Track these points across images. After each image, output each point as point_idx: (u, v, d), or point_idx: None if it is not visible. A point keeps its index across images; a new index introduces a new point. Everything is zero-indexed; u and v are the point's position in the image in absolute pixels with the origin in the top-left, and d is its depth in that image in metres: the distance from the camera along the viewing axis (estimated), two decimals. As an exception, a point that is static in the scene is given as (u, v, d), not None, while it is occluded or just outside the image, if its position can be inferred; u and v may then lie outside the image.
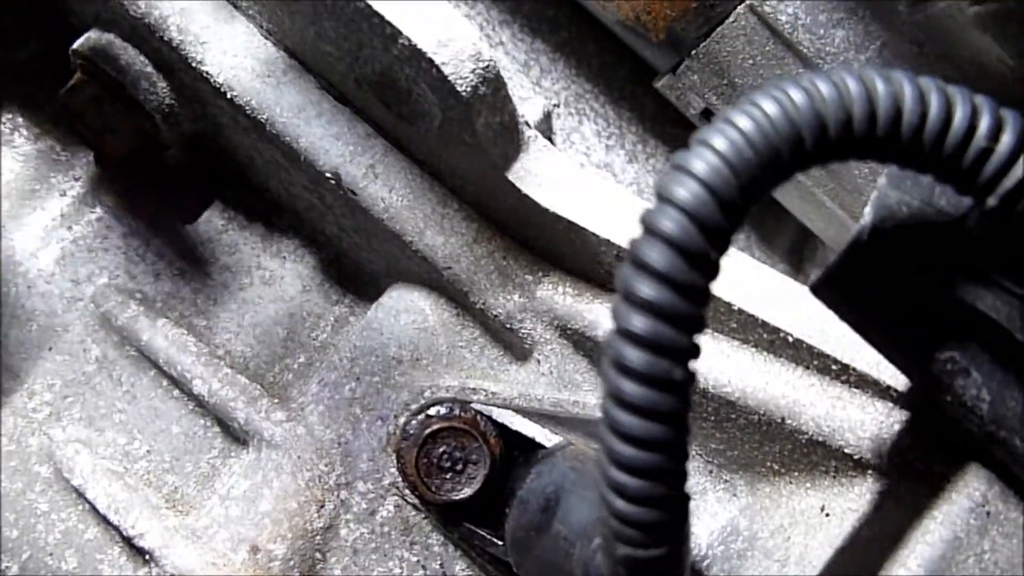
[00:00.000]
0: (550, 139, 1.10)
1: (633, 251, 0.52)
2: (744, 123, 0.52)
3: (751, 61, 0.85)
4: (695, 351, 0.52)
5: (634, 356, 0.51)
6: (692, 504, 0.58)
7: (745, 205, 0.52)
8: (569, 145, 1.11)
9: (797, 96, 0.53)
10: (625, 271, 0.52)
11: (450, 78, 0.74)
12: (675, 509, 0.54)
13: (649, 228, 0.52)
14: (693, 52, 0.87)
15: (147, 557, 0.85)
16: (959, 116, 0.54)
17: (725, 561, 0.80)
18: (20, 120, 0.96)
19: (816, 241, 1.07)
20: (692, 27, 0.86)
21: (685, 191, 0.51)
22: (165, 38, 0.85)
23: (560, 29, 1.15)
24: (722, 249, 0.52)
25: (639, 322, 0.50)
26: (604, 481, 0.53)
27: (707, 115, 0.92)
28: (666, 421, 0.51)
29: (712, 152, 0.52)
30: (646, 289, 0.50)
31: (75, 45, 0.89)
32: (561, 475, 0.76)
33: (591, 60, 1.15)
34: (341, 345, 0.91)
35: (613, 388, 0.51)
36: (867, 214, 0.61)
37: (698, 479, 0.84)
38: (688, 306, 0.51)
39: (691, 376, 0.52)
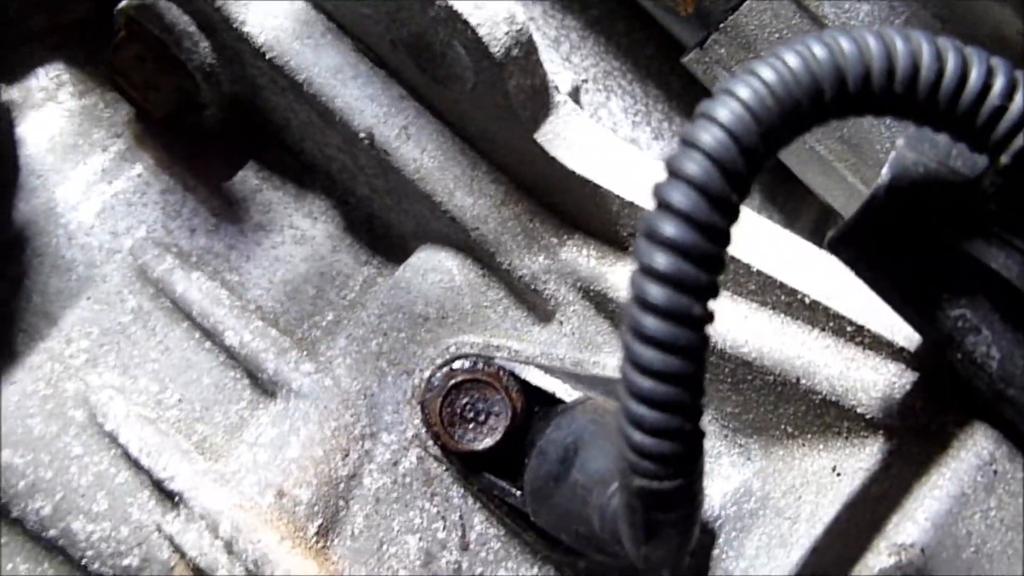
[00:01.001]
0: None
1: (657, 192, 0.54)
2: (767, 74, 0.54)
3: (777, 35, 0.87)
4: (714, 290, 0.54)
5: (655, 291, 0.53)
6: (706, 467, 0.60)
7: (766, 152, 0.54)
8: (596, 120, 1.14)
9: (819, 50, 0.55)
10: (648, 212, 0.54)
11: (484, 39, 0.76)
12: (690, 442, 0.56)
13: (673, 170, 0.54)
14: (721, 26, 0.89)
15: (176, 499, 0.88)
16: (975, 75, 0.56)
17: (737, 520, 0.82)
18: (65, 77, 0.99)
19: (838, 220, 1.09)
20: (720, 1, 0.88)
21: (708, 136, 0.54)
22: (208, -2, 0.88)
23: (590, 7, 1.17)
24: (743, 193, 0.54)
25: (661, 259, 0.53)
26: (623, 415, 0.56)
27: (732, 89, 0.94)
28: (685, 355, 0.54)
29: (735, 100, 0.54)
30: (669, 228, 0.53)
31: (121, 4, 0.92)
32: (580, 427, 0.79)
33: (620, 38, 1.17)
34: (369, 302, 0.94)
35: (634, 323, 0.54)
36: (884, 173, 0.64)
37: (713, 443, 0.86)
38: (709, 245, 0.53)
39: (710, 314, 0.54)
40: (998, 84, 0.56)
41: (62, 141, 0.97)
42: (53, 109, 0.98)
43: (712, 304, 0.54)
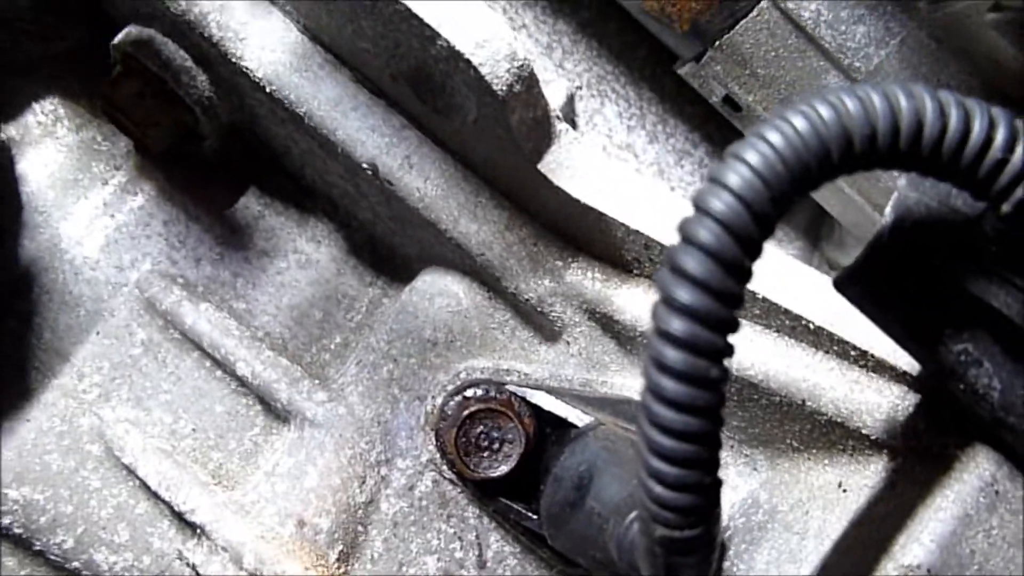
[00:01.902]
0: (573, 122, 1.13)
1: (672, 258, 0.55)
2: (775, 138, 0.55)
3: (773, 53, 0.88)
4: (729, 350, 0.56)
5: (673, 356, 0.55)
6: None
7: (777, 215, 0.56)
8: (592, 127, 1.14)
9: (825, 112, 0.56)
10: (664, 276, 0.55)
11: (487, 78, 0.77)
12: (709, 494, 0.58)
13: (687, 237, 0.55)
14: (717, 43, 0.90)
15: (198, 531, 0.90)
16: (976, 129, 0.57)
17: (747, 533, 0.84)
18: (61, 111, 0.99)
19: (832, 220, 1.11)
20: (716, 20, 0.89)
21: (720, 203, 0.55)
22: (205, 34, 0.87)
23: (581, 9, 1.17)
24: (755, 256, 0.56)
25: (678, 325, 0.54)
26: (644, 469, 0.57)
27: (728, 102, 0.95)
28: (702, 415, 0.55)
29: (745, 166, 0.55)
30: (684, 295, 0.54)
31: (116, 40, 0.92)
32: (593, 454, 0.81)
33: (611, 41, 1.18)
34: (377, 327, 0.95)
35: (653, 385, 0.55)
36: (887, 214, 0.65)
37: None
38: (723, 310, 0.55)
39: (725, 373, 0.56)
40: (999, 137, 0.57)
41: (62, 176, 0.97)
42: (51, 144, 0.98)
43: (727, 363, 0.56)
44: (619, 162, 0.85)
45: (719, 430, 0.57)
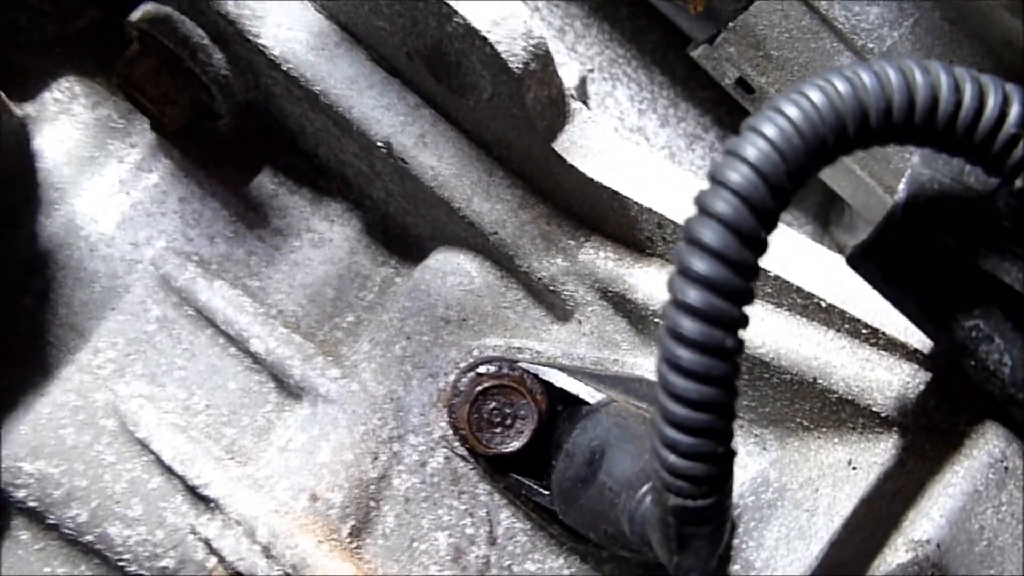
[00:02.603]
0: (585, 104, 1.13)
1: (689, 229, 0.56)
2: (792, 111, 0.56)
3: (787, 35, 0.88)
4: (744, 321, 0.56)
5: (689, 326, 0.55)
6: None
7: (793, 188, 0.56)
8: (604, 110, 1.15)
9: (841, 86, 0.56)
10: (681, 248, 0.56)
11: (503, 55, 0.77)
12: (723, 463, 0.59)
13: (704, 208, 0.56)
14: (730, 24, 0.90)
15: (212, 505, 0.91)
16: (991, 105, 0.58)
17: (756, 511, 0.85)
18: (77, 89, 0.99)
19: (842, 202, 1.11)
20: (730, 1, 0.89)
21: (737, 175, 0.55)
22: (222, 11, 0.88)
23: (593, -7, 1.18)
24: (771, 228, 0.56)
25: (695, 295, 0.55)
26: (658, 438, 0.58)
27: (741, 84, 0.95)
28: (718, 384, 0.56)
29: (762, 138, 0.56)
30: (701, 265, 0.55)
31: (132, 17, 0.92)
32: (605, 430, 0.82)
33: (623, 24, 1.18)
34: (390, 305, 0.96)
35: (669, 355, 0.56)
36: (901, 190, 0.66)
37: (728, 432, 0.89)
38: (740, 280, 0.55)
39: (740, 343, 0.57)
40: (1013, 113, 0.58)
41: (78, 153, 0.98)
42: (67, 122, 0.98)
43: (743, 333, 0.57)
44: (632, 142, 0.86)
45: (734, 400, 0.58)
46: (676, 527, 0.62)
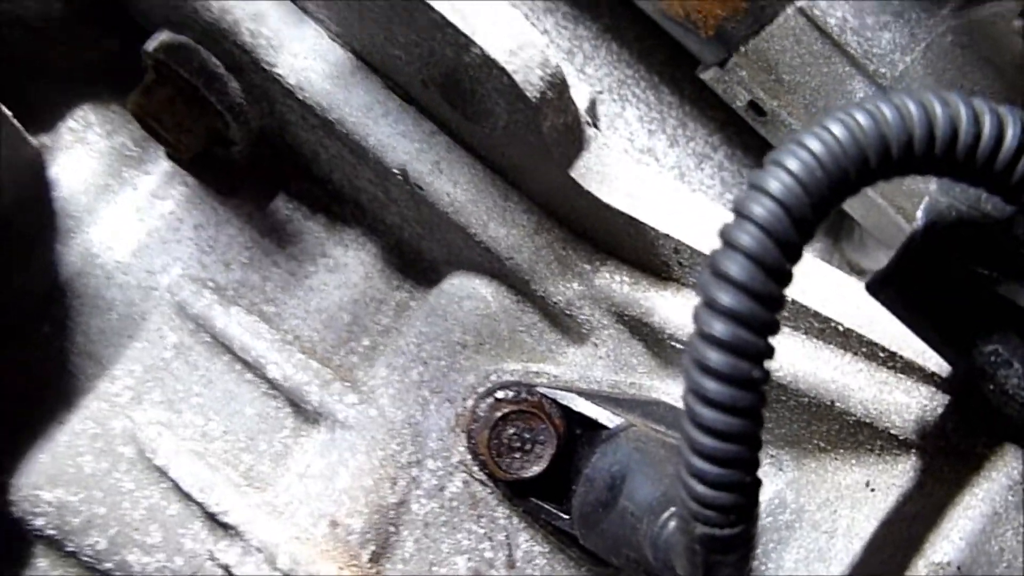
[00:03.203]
0: (595, 126, 1.14)
1: (714, 262, 0.57)
2: (815, 145, 0.57)
3: (799, 59, 0.89)
4: (770, 352, 0.57)
5: (716, 358, 0.56)
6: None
7: (816, 220, 0.57)
8: (613, 131, 1.16)
9: (863, 119, 0.57)
10: (706, 279, 0.57)
11: (520, 85, 0.78)
12: (749, 493, 0.60)
13: (729, 241, 0.56)
14: (742, 49, 0.91)
15: (231, 531, 0.91)
16: (1010, 136, 0.58)
17: (774, 532, 0.86)
18: (92, 118, 1.00)
19: (852, 220, 1.12)
20: (742, 26, 0.90)
21: (761, 208, 0.56)
22: (238, 41, 0.89)
23: (601, 16, 1.19)
24: (795, 260, 0.57)
25: (721, 327, 0.56)
26: (686, 468, 0.59)
27: (753, 107, 0.96)
28: (744, 415, 0.57)
29: (785, 172, 0.57)
30: (727, 298, 0.56)
31: (148, 47, 0.93)
32: (625, 455, 0.82)
33: (632, 46, 1.19)
34: (406, 330, 0.96)
35: (696, 386, 0.57)
36: (919, 218, 0.66)
37: (745, 453, 0.90)
38: (765, 312, 0.56)
39: (766, 374, 0.57)
40: (1032, 143, 0.58)
41: (94, 182, 0.99)
42: (83, 150, 0.99)
43: (768, 364, 0.57)
44: (647, 167, 0.86)
45: (760, 430, 0.58)
46: (703, 555, 0.62)
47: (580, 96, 1.09)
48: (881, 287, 0.68)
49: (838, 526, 0.81)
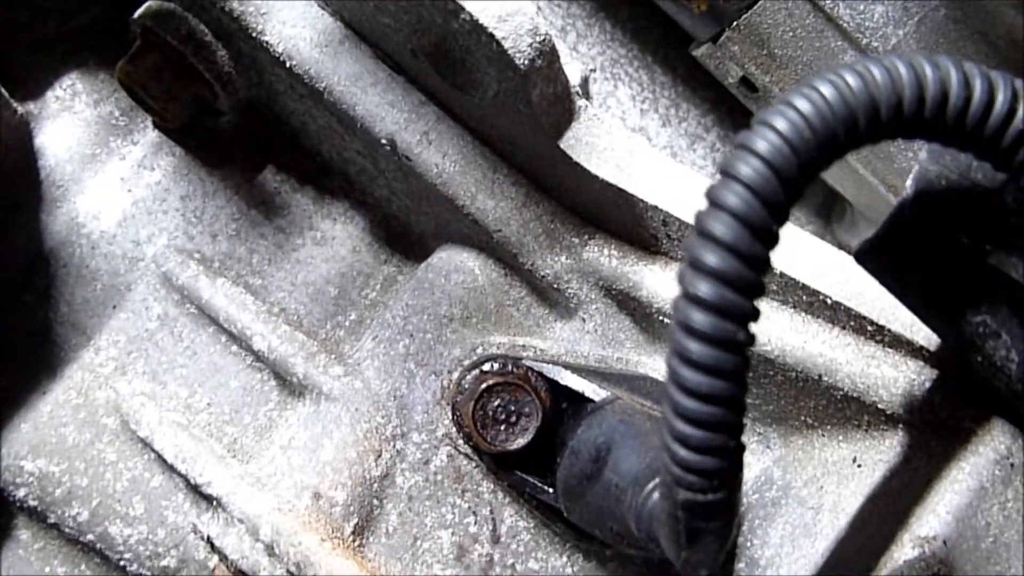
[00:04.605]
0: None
1: (700, 222, 0.56)
2: (803, 105, 0.56)
3: (791, 34, 0.88)
4: (756, 314, 0.56)
5: (700, 319, 0.55)
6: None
7: (804, 181, 0.56)
8: (605, 110, 1.15)
9: (852, 80, 0.56)
10: (692, 240, 0.56)
11: (509, 52, 0.77)
12: (733, 457, 0.59)
13: (715, 201, 0.56)
14: (735, 23, 0.90)
15: (214, 503, 0.90)
16: (1000, 100, 0.58)
17: (760, 508, 0.85)
18: (79, 87, 0.99)
19: (844, 201, 1.12)
20: (734, 1, 0.90)
21: (749, 168, 0.55)
22: (226, 8, 0.88)
23: (594, -8, 1.18)
24: (782, 221, 0.56)
25: (706, 288, 0.55)
26: (669, 432, 0.58)
27: (745, 83, 0.96)
28: (729, 378, 0.56)
29: (774, 132, 0.56)
30: (713, 258, 0.55)
31: (137, 14, 0.92)
32: (611, 427, 0.82)
33: (624, 24, 1.18)
34: (393, 303, 0.95)
35: (680, 347, 0.56)
36: (908, 186, 0.66)
37: (731, 431, 0.89)
38: (751, 273, 0.55)
39: (752, 337, 0.57)
40: (1023, 108, 0.58)
41: (80, 151, 0.98)
42: (69, 119, 0.98)
43: (754, 327, 0.57)
44: (637, 139, 0.86)
45: (744, 394, 0.57)
46: (685, 522, 0.62)
47: (573, 74, 1.08)
48: (869, 256, 0.67)
49: (824, 502, 0.80)
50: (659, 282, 0.86)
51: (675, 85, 1.18)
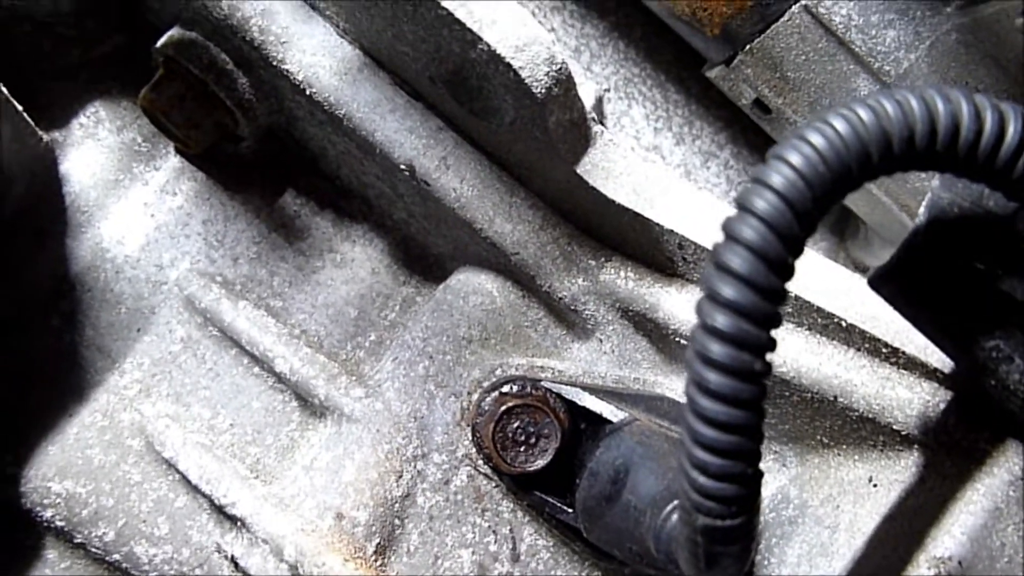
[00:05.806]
0: (602, 124, 1.15)
1: (717, 255, 0.57)
2: (817, 140, 0.57)
3: (804, 57, 0.89)
4: (772, 344, 0.58)
5: (718, 350, 0.56)
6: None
7: (819, 214, 0.57)
8: (619, 129, 1.16)
9: (865, 115, 0.58)
10: (709, 273, 0.57)
11: (526, 81, 0.79)
12: (751, 484, 0.60)
13: (732, 235, 0.57)
14: (748, 47, 0.91)
15: (238, 523, 0.92)
16: (1011, 132, 0.59)
17: (777, 527, 0.86)
18: (103, 114, 1.01)
19: (857, 218, 1.12)
20: (747, 24, 0.91)
21: (764, 202, 0.57)
22: (247, 38, 0.89)
23: (608, 14, 1.19)
24: (797, 253, 0.57)
25: (723, 320, 0.56)
26: (688, 459, 0.59)
27: (758, 104, 0.97)
28: (746, 407, 0.57)
29: (788, 166, 0.57)
30: (729, 290, 0.56)
31: (159, 43, 0.94)
32: (629, 449, 0.83)
33: (638, 44, 1.20)
34: (412, 325, 0.97)
35: (699, 377, 0.57)
36: (921, 214, 0.67)
37: (748, 449, 0.90)
38: (767, 305, 0.57)
39: (768, 366, 0.58)
40: (1034, 139, 0.59)
41: (104, 177, 1.00)
42: (93, 146, 1.00)
43: (770, 357, 0.58)
44: (652, 164, 0.87)
45: (761, 422, 0.59)
46: (704, 546, 0.63)
47: (587, 94, 1.10)
48: (883, 282, 0.68)
49: (840, 521, 0.81)
50: (675, 304, 0.87)
51: (689, 103, 1.19)
